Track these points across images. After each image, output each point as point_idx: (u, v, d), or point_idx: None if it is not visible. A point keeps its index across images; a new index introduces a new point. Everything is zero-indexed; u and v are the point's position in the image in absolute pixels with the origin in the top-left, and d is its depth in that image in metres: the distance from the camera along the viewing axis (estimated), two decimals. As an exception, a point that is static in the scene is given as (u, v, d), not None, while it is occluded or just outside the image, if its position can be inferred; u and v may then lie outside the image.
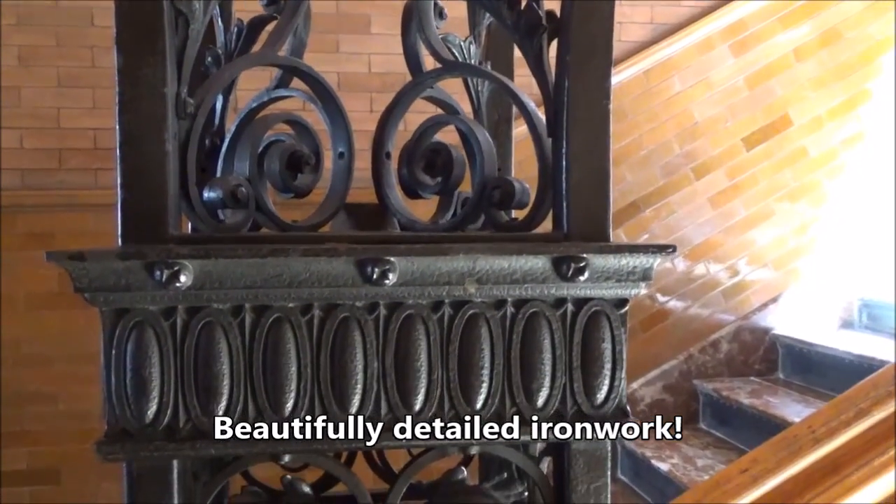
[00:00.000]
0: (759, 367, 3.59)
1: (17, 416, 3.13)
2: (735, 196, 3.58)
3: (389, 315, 0.70)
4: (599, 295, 0.73)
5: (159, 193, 0.68)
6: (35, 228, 3.12)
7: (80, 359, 3.08)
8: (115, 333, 0.67)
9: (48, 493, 3.18)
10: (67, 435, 3.17)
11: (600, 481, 0.75)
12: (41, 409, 3.16)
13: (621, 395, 0.74)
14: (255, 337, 0.68)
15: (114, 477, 2.94)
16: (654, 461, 3.04)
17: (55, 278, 3.16)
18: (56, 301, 3.15)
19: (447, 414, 0.71)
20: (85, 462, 3.16)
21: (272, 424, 0.69)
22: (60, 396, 3.17)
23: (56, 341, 3.14)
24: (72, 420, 3.17)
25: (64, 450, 3.17)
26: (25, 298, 3.13)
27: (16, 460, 3.15)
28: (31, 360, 3.13)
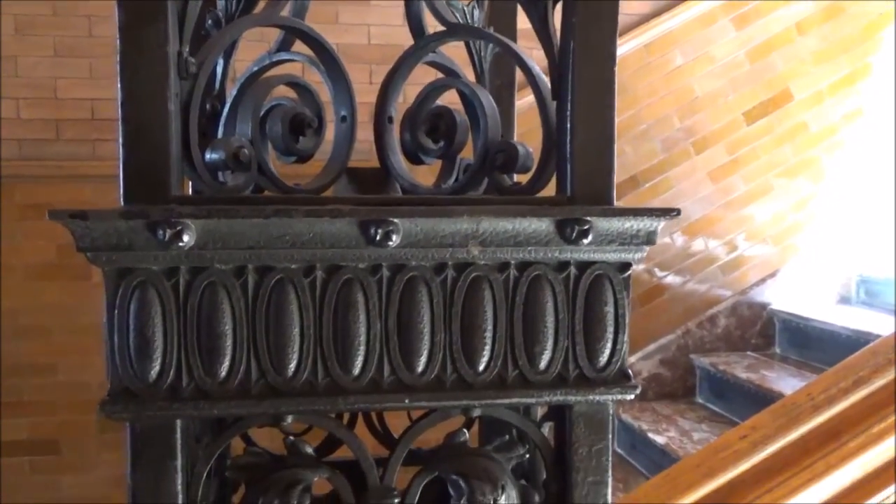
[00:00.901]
0: (756, 341, 3.61)
1: (16, 387, 3.14)
2: (734, 171, 3.57)
3: (392, 277, 0.70)
4: (603, 258, 0.72)
5: (161, 153, 0.68)
6: (33, 199, 3.11)
7: (78, 330, 3.09)
8: (117, 293, 0.67)
9: (48, 463, 3.20)
10: (67, 406, 3.18)
11: (601, 444, 0.75)
12: (40, 380, 3.17)
13: (623, 358, 0.74)
14: (258, 298, 0.68)
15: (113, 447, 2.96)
16: (651, 434, 3.06)
17: (53, 249, 3.16)
18: (54, 272, 3.15)
19: (449, 376, 0.71)
20: (85, 432, 3.18)
21: (275, 385, 0.69)
22: (59, 367, 3.17)
23: (55, 312, 3.14)
24: (71, 391, 3.18)
25: (63, 420, 3.19)
26: (24, 269, 3.13)
27: (15, 431, 3.16)
28: (30, 331, 3.14)
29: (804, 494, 0.94)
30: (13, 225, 3.09)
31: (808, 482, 0.94)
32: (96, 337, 0.71)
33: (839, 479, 0.94)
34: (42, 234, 3.13)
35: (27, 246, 3.12)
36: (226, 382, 0.68)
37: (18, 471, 3.17)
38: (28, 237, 3.11)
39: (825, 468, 0.94)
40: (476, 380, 0.72)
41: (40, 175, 3.12)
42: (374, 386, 0.70)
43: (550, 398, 0.73)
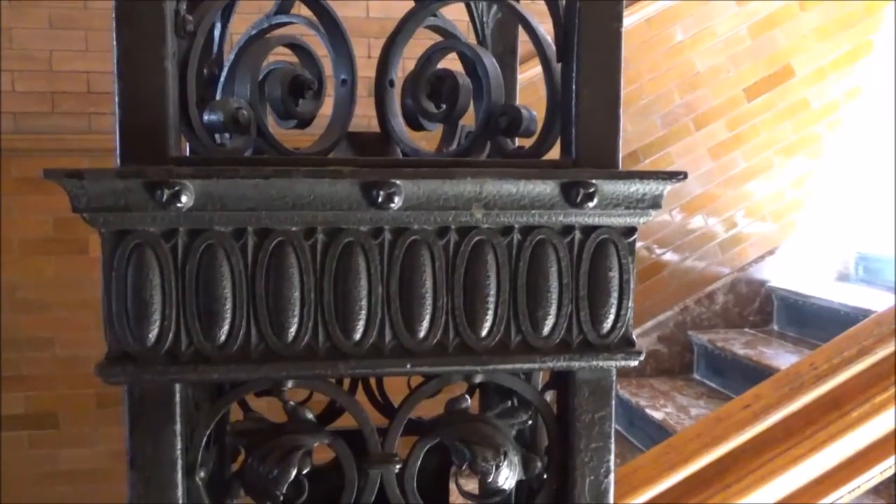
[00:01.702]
0: (754, 318, 3.61)
1: (13, 361, 3.14)
2: (735, 147, 3.55)
3: (394, 240, 0.69)
4: (608, 223, 0.71)
5: (159, 113, 0.66)
6: (29, 173, 3.09)
7: (75, 305, 3.08)
8: (114, 255, 0.65)
9: (47, 437, 3.21)
10: (65, 380, 3.18)
11: (604, 411, 0.75)
12: (38, 354, 3.16)
13: (628, 324, 0.73)
14: (258, 261, 0.67)
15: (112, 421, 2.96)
16: (649, 410, 3.07)
17: (50, 224, 3.14)
18: (51, 247, 3.14)
19: (452, 341, 0.70)
20: (83, 407, 3.18)
21: (275, 349, 0.68)
22: (57, 342, 3.17)
23: (52, 287, 3.13)
24: (69, 365, 3.17)
25: (62, 394, 3.19)
26: (20, 244, 3.11)
27: (14, 405, 3.16)
28: (27, 306, 3.13)
29: (806, 464, 0.93)
30: (9, 199, 3.07)
31: (809, 452, 0.93)
32: (94, 311, 0.70)
33: (841, 448, 0.94)
34: (39, 208, 3.11)
35: (24, 220, 3.10)
36: (225, 346, 0.67)
37: (17, 445, 3.17)
38: (24, 211, 3.09)
39: (827, 438, 0.94)
40: (479, 345, 0.71)
41: (36, 149, 3.10)
42: (376, 351, 0.69)
43: (554, 364, 0.72)
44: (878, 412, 0.94)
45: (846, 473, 0.94)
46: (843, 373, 0.95)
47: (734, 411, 0.97)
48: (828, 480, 0.93)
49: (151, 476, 0.68)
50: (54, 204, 3.11)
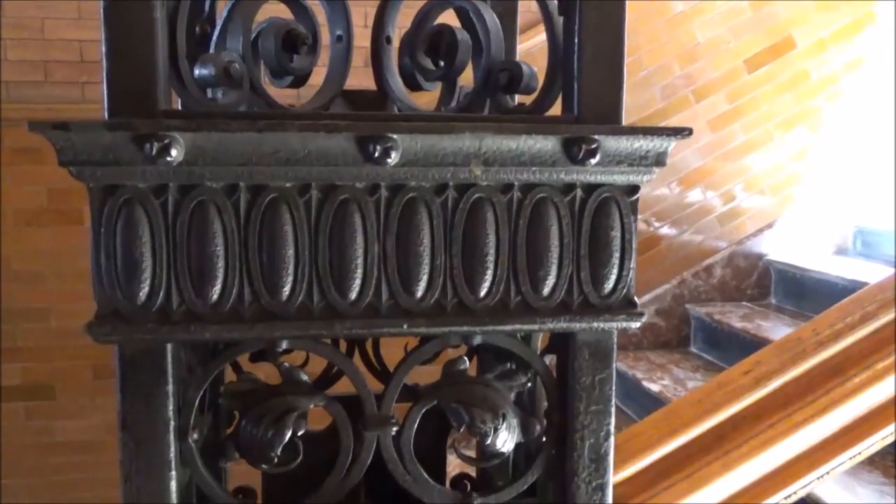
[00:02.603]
0: (751, 292, 3.60)
1: (9, 333, 3.12)
2: (734, 120, 3.53)
3: (391, 197, 0.67)
4: (610, 181, 0.69)
5: (147, 64, 0.64)
6: (22, 143, 3.06)
7: (70, 276, 3.06)
8: (103, 211, 0.64)
9: (43, 408, 3.20)
10: (61, 351, 3.17)
11: (605, 373, 0.73)
12: (33, 325, 3.15)
13: (629, 285, 0.71)
14: (251, 218, 0.65)
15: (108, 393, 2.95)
16: (645, 382, 3.07)
17: (44, 194, 3.11)
18: (45, 218, 3.11)
19: (450, 301, 0.69)
20: (79, 378, 3.18)
21: (268, 308, 0.66)
22: (52, 313, 3.15)
23: (46, 258, 3.11)
24: (64, 337, 3.16)
25: (57, 366, 3.18)
26: (14, 215, 3.09)
27: (10, 376, 3.15)
28: (22, 277, 3.11)
29: (806, 430, 0.93)
30: (2, 170, 3.04)
31: (810, 418, 0.92)
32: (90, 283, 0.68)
33: (842, 415, 0.93)
34: (32, 178, 3.09)
35: (17, 191, 3.07)
36: (218, 305, 0.66)
37: (13, 416, 3.17)
38: (18, 182, 3.06)
39: (828, 404, 0.93)
40: (477, 305, 0.69)
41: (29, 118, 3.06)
42: (372, 311, 0.68)
43: (553, 325, 0.70)
44: (880, 379, 0.93)
45: (847, 440, 0.93)
46: (846, 339, 0.94)
47: (735, 377, 0.96)
48: (828, 447, 0.92)
49: (143, 437, 0.67)
50: (48, 175, 3.08)
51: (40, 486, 3.20)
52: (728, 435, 0.93)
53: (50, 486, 3.21)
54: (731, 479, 0.92)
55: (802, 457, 0.92)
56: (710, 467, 0.92)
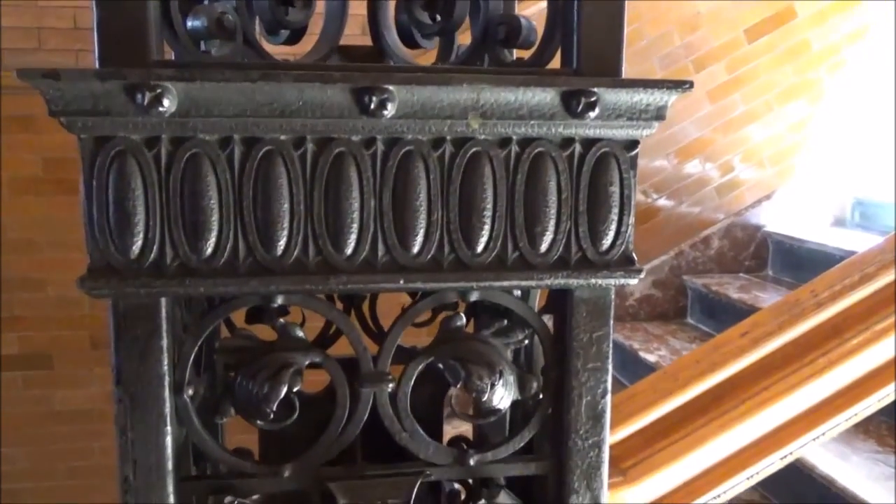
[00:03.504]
0: (749, 263, 3.60)
1: (6, 302, 3.12)
2: (734, 90, 3.50)
3: (387, 151, 0.66)
4: (609, 135, 0.69)
5: (139, 12, 0.63)
6: (16, 111, 3.03)
7: (66, 245, 3.04)
8: (94, 163, 0.63)
9: (41, 377, 3.20)
10: (57, 321, 3.17)
11: (603, 330, 0.73)
12: (30, 295, 3.14)
13: (628, 241, 0.71)
14: (245, 171, 0.64)
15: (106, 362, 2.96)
16: (642, 353, 3.07)
17: (40, 163, 3.09)
18: (41, 187, 3.09)
19: (447, 257, 0.68)
20: (77, 348, 3.18)
21: (263, 263, 0.65)
22: (49, 282, 3.15)
23: (42, 227, 3.10)
24: (61, 306, 3.16)
25: (55, 335, 3.18)
26: (9, 183, 3.07)
27: (7, 345, 3.15)
28: (18, 246, 3.10)
29: (804, 391, 0.92)
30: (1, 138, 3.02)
31: (808, 378, 0.92)
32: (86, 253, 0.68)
33: (840, 376, 0.93)
34: (27, 147, 3.06)
35: (12, 159, 3.05)
36: (212, 259, 0.65)
37: (11, 385, 3.17)
38: (12, 150, 3.04)
39: (826, 365, 0.92)
40: (474, 261, 0.68)
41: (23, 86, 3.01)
42: (368, 266, 0.67)
43: (551, 281, 0.70)
44: (878, 339, 0.92)
45: (844, 401, 0.93)
46: (844, 300, 0.94)
47: (732, 338, 0.95)
48: (825, 408, 0.92)
49: (137, 392, 0.67)
50: (43, 143, 3.06)
51: (39, 454, 3.21)
52: (725, 396, 0.93)
53: (49, 454, 3.22)
54: (728, 439, 0.92)
55: (799, 417, 0.92)
56: (707, 427, 0.92)
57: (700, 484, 0.91)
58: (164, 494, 0.68)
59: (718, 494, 0.91)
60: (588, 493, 0.75)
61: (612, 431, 0.76)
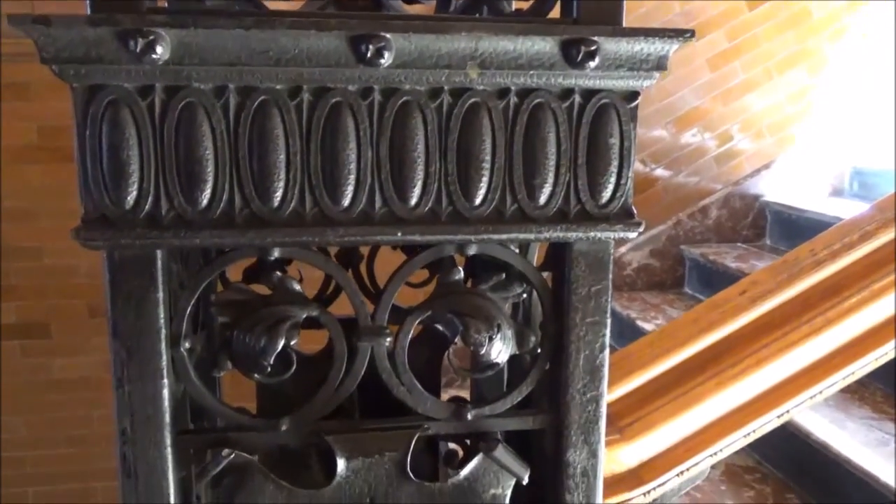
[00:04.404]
0: (746, 233, 3.60)
1: (3, 271, 3.11)
2: (734, 58, 3.48)
3: (385, 101, 0.65)
4: (609, 86, 0.68)
5: (131, -42, 0.61)
6: (11, 79, 3.00)
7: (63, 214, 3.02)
8: (87, 112, 0.62)
9: (39, 346, 3.21)
10: (55, 290, 3.17)
11: (601, 284, 0.73)
12: (27, 264, 3.14)
13: (627, 194, 0.70)
14: (241, 121, 0.64)
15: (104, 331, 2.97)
16: (640, 322, 3.08)
17: (34, 131, 3.07)
18: (36, 155, 3.07)
19: (445, 209, 0.68)
20: (75, 317, 3.18)
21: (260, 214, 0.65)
22: (45, 251, 3.14)
23: (38, 196, 3.08)
24: (58, 275, 3.15)
25: (52, 304, 3.18)
26: (4, 151, 3.05)
27: (5, 314, 3.15)
28: (14, 215, 3.08)
29: (802, 349, 0.92)
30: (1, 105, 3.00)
31: (806, 337, 0.92)
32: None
33: (838, 334, 0.93)
34: (22, 115, 3.04)
35: (7, 127, 3.03)
36: (208, 211, 0.64)
37: (10, 354, 3.18)
38: (7, 118, 3.02)
39: (824, 324, 0.92)
40: (472, 213, 0.68)
41: (18, 53, 3.00)
42: (365, 218, 0.67)
43: (550, 234, 0.69)
44: (877, 298, 0.92)
45: (841, 360, 0.93)
46: (843, 259, 0.94)
47: (731, 297, 0.95)
48: (823, 366, 0.93)
49: (134, 344, 0.66)
50: (38, 111, 3.04)
51: (38, 422, 3.23)
52: (723, 354, 0.93)
53: (48, 422, 3.24)
54: (726, 397, 0.92)
55: (797, 376, 0.92)
56: (704, 386, 0.92)
57: (697, 441, 0.91)
58: (162, 447, 0.68)
59: (715, 452, 0.92)
60: (586, 447, 0.75)
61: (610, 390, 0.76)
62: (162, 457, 0.68)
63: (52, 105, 3.01)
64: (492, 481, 0.75)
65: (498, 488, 0.75)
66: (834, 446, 2.01)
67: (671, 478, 0.92)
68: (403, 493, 0.74)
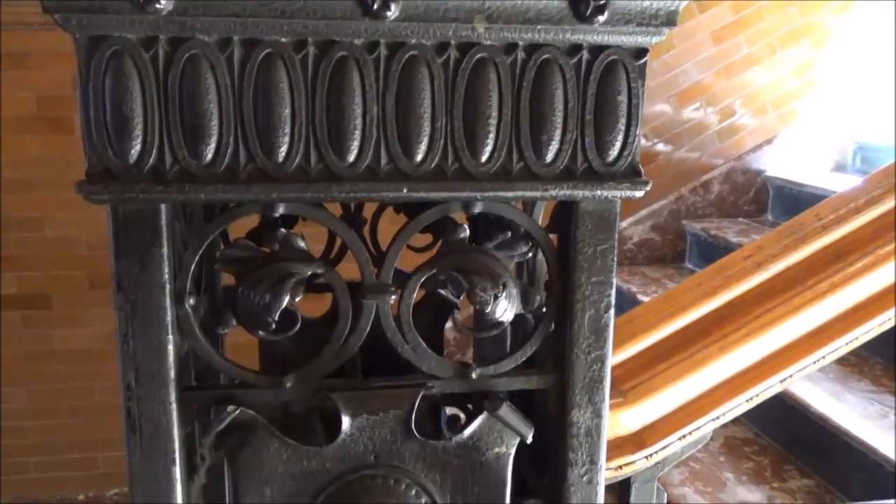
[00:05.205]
0: (748, 208, 3.59)
1: (4, 242, 3.11)
2: (738, 32, 3.45)
3: (391, 56, 0.64)
4: (618, 42, 0.67)
5: None
6: (10, 48, 2.98)
7: (63, 184, 3.02)
8: (90, 64, 0.61)
9: (40, 317, 3.22)
10: (55, 261, 3.17)
11: (607, 244, 0.72)
12: (28, 234, 3.13)
13: (635, 152, 0.70)
14: (245, 74, 0.63)
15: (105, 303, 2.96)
16: (640, 296, 3.08)
17: (34, 101, 3.06)
18: (35, 125, 3.06)
19: (451, 166, 0.67)
20: (76, 288, 3.18)
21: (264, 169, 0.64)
22: (46, 222, 3.14)
23: (38, 166, 3.07)
24: (59, 246, 3.15)
25: (53, 275, 3.18)
26: (4, 122, 3.03)
27: (6, 285, 3.15)
28: (14, 186, 3.08)
29: (805, 314, 0.92)
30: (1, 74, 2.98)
31: (810, 302, 0.92)
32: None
33: (842, 299, 0.93)
34: (21, 85, 3.02)
35: (5, 97, 3.01)
36: (212, 165, 0.64)
37: (10, 324, 3.18)
38: (6, 88, 3.00)
39: (828, 288, 0.92)
40: (479, 170, 0.67)
41: (17, 22, 2.98)
42: (371, 174, 0.66)
43: (556, 192, 0.69)
44: (882, 264, 0.92)
45: (845, 325, 0.93)
46: (849, 224, 0.93)
47: (735, 261, 0.95)
48: (827, 331, 0.92)
49: (138, 299, 0.66)
50: (37, 81, 3.02)
51: (40, 392, 3.24)
52: (727, 318, 0.93)
53: (49, 393, 3.25)
54: (729, 361, 0.92)
55: (800, 341, 0.92)
56: (708, 350, 0.92)
57: (700, 405, 0.92)
58: (167, 402, 0.68)
59: (717, 416, 0.92)
60: (590, 406, 0.75)
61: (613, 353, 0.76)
62: (167, 412, 0.68)
63: (52, 74, 3.00)
64: (496, 440, 0.75)
65: (502, 447, 0.75)
66: (833, 418, 2.02)
67: (673, 441, 0.92)
68: (407, 450, 0.74)
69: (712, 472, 2.12)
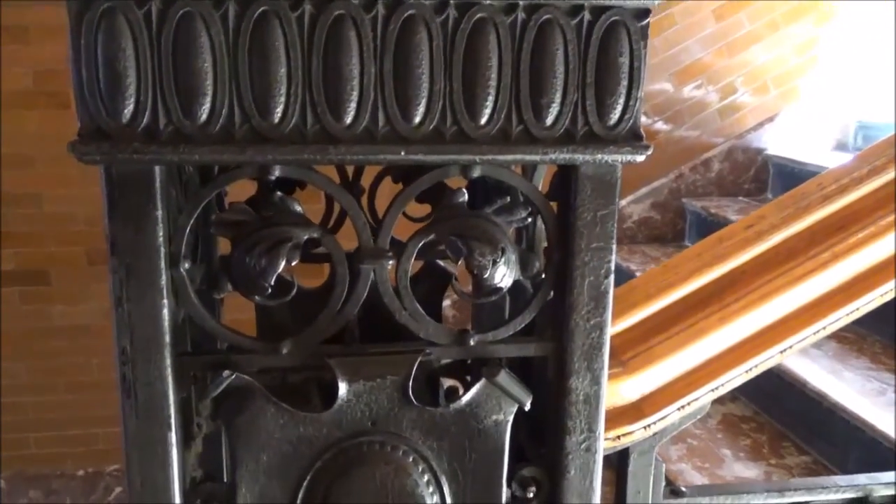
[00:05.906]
0: (748, 187, 3.58)
1: (2, 218, 3.10)
2: (741, 8, 3.42)
3: (388, 15, 0.63)
4: (619, 3, 0.66)
5: None
6: (7, 22, 2.96)
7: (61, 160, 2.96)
8: (82, 21, 0.60)
9: (38, 293, 3.21)
10: (54, 237, 3.16)
11: (608, 209, 0.71)
12: (25, 210, 3.12)
13: (636, 116, 0.68)
14: (240, 32, 0.62)
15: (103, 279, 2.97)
16: (639, 274, 3.08)
17: (31, 76, 3.03)
18: (33, 100, 3.04)
19: (449, 129, 0.66)
20: (74, 264, 3.17)
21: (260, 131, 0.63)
22: (44, 198, 3.12)
23: (35, 142, 3.05)
24: (57, 222, 3.14)
25: (51, 251, 3.17)
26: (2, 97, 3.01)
27: (5, 261, 3.15)
28: (12, 161, 3.06)
29: (807, 284, 0.92)
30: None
31: (811, 272, 0.91)
32: (80, 168, 0.66)
33: (844, 270, 0.92)
34: (17, 59, 3.00)
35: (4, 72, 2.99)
36: (207, 126, 0.63)
37: (9, 300, 3.18)
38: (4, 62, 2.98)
39: (830, 258, 0.91)
40: (478, 133, 0.66)
41: None
42: (368, 135, 0.65)
43: (556, 156, 0.68)
44: (884, 234, 0.91)
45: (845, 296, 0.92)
46: (851, 194, 0.92)
47: (737, 231, 0.94)
48: (827, 301, 0.92)
49: (133, 262, 0.65)
50: (33, 55, 2.99)
51: (38, 368, 3.24)
52: (727, 289, 0.92)
53: (48, 368, 3.25)
54: (729, 331, 0.91)
55: (801, 311, 0.91)
56: (708, 321, 0.92)
57: (699, 375, 0.91)
58: (162, 367, 0.67)
59: (717, 386, 0.92)
60: (588, 373, 0.74)
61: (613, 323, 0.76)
62: (162, 377, 0.68)
63: (49, 48, 2.97)
64: (494, 407, 0.75)
65: (500, 414, 0.75)
66: (831, 395, 2.02)
67: (672, 412, 0.92)
68: (405, 417, 0.73)
69: (710, 449, 2.13)
